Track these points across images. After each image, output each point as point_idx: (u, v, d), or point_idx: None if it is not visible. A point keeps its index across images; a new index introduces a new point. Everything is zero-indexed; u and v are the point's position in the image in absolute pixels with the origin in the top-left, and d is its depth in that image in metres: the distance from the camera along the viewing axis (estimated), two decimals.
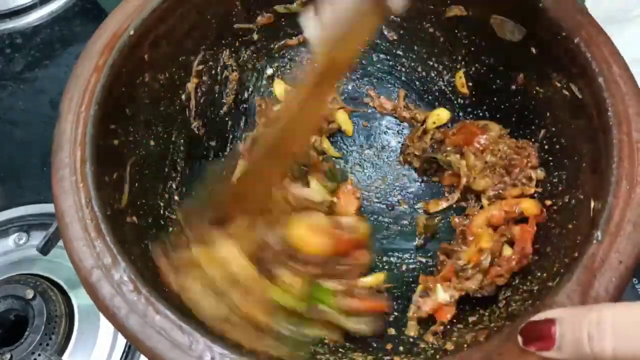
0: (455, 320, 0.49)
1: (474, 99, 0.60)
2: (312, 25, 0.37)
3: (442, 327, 0.48)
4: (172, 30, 0.52)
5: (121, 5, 0.49)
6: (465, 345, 0.43)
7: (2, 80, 0.81)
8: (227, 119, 0.62)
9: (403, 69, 0.64)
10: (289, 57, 0.64)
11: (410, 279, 0.55)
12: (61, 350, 0.59)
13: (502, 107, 0.57)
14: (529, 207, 0.50)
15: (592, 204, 0.42)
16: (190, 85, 0.57)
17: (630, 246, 0.38)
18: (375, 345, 0.48)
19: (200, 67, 0.57)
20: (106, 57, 0.46)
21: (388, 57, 0.64)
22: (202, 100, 0.58)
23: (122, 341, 0.60)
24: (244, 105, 0.63)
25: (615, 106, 0.43)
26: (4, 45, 0.84)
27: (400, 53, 0.63)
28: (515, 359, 0.34)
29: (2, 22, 0.86)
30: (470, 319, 0.48)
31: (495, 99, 0.58)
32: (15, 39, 0.85)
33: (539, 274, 0.45)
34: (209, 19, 0.56)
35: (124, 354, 0.60)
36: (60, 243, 0.45)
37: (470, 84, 0.60)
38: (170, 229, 0.50)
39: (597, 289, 0.37)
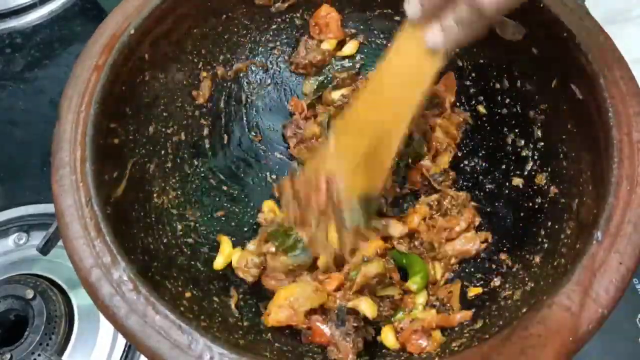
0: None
1: (472, 98, 0.60)
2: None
3: None
4: (172, 29, 0.52)
5: (121, 5, 0.49)
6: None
7: (2, 80, 0.81)
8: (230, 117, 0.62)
9: None
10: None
11: None
12: (61, 351, 0.59)
13: (502, 107, 0.57)
14: None
15: (593, 204, 0.42)
16: (204, 85, 0.58)
17: (630, 247, 0.38)
18: None
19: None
20: (106, 57, 0.46)
21: None
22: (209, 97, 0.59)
23: (122, 341, 0.60)
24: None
25: (616, 106, 0.43)
26: (4, 45, 0.84)
27: None
28: (515, 359, 0.34)
29: (2, 22, 0.86)
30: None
31: (494, 98, 0.58)
32: (15, 38, 0.85)
33: (539, 273, 0.45)
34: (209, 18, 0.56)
35: (124, 354, 0.60)
36: (60, 243, 0.45)
37: (469, 83, 0.60)
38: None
39: (597, 290, 0.37)
